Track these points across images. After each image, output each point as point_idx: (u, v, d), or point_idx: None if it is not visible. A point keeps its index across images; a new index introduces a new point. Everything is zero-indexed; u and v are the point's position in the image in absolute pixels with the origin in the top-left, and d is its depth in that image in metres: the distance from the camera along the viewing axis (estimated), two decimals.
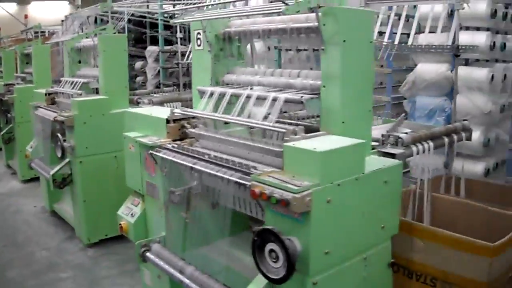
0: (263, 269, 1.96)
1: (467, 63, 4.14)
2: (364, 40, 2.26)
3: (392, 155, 2.48)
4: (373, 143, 2.65)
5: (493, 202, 2.99)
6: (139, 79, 7.27)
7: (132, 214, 3.11)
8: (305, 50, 3.81)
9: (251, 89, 2.66)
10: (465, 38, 3.90)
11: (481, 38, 3.87)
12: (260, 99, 2.42)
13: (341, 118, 2.21)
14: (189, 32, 5.60)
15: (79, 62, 4.77)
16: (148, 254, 2.75)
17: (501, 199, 3.16)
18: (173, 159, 2.52)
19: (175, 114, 2.81)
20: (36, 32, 7.75)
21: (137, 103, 4.56)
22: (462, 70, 3.98)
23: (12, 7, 16.44)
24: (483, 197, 3.18)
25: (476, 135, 3.91)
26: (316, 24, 2.19)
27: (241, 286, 2.20)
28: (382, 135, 2.60)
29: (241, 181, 2.07)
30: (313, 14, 2.21)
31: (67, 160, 4.19)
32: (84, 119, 4.03)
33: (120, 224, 3.13)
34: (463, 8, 3.36)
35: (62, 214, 4.81)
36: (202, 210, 2.67)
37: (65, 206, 4.81)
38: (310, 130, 2.33)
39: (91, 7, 4.50)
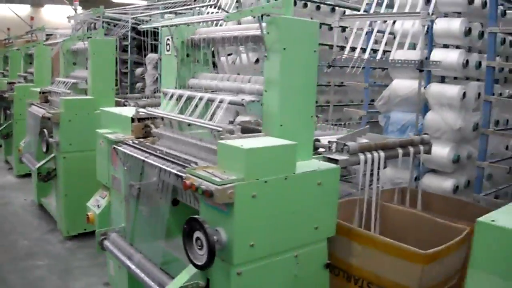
0: (190, 255, 2.10)
1: (443, 80, 4.22)
2: (307, 49, 2.39)
3: (336, 161, 2.58)
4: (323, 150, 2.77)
5: (449, 216, 3.05)
6: (138, 85, 7.50)
7: (98, 205, 3.29)
8: None
9: (212, 92, 2.82)
10: (439, 55, 3.99)
11: (453, 56, 3.94)
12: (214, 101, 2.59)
13: (279, 121, 2.34)
14: None
15: (74, 63, 5.00)
16: (105, 242, 2.91)
17: (457, 213, 3.21)
18: (130, 153, 2.69)
19: (140, 113, 2.99)
20: (47, 35, 8.07)
21: (123, 106, 4.74)
22: (435, 87, 4.06)
23: (26, 9, 17.09)
24: (440, 210, 3.25)
25: (446, 151, 3.98)
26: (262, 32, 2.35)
27: None
28: (329, 142, 2.70)
29: (178, 173, 2.22)
30: (264, 24, 2.37)
31: (52, 155, 4.40)
32: (70, 117, 4.24)
33: (87, 215, 3.31)
34: (429, 24, 3.45)
35: (48, 207, 5.02)
36: (162, 206, 2.81)
37: (52, 200, 5.01)
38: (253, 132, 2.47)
39: (85, 12, 4.76)
